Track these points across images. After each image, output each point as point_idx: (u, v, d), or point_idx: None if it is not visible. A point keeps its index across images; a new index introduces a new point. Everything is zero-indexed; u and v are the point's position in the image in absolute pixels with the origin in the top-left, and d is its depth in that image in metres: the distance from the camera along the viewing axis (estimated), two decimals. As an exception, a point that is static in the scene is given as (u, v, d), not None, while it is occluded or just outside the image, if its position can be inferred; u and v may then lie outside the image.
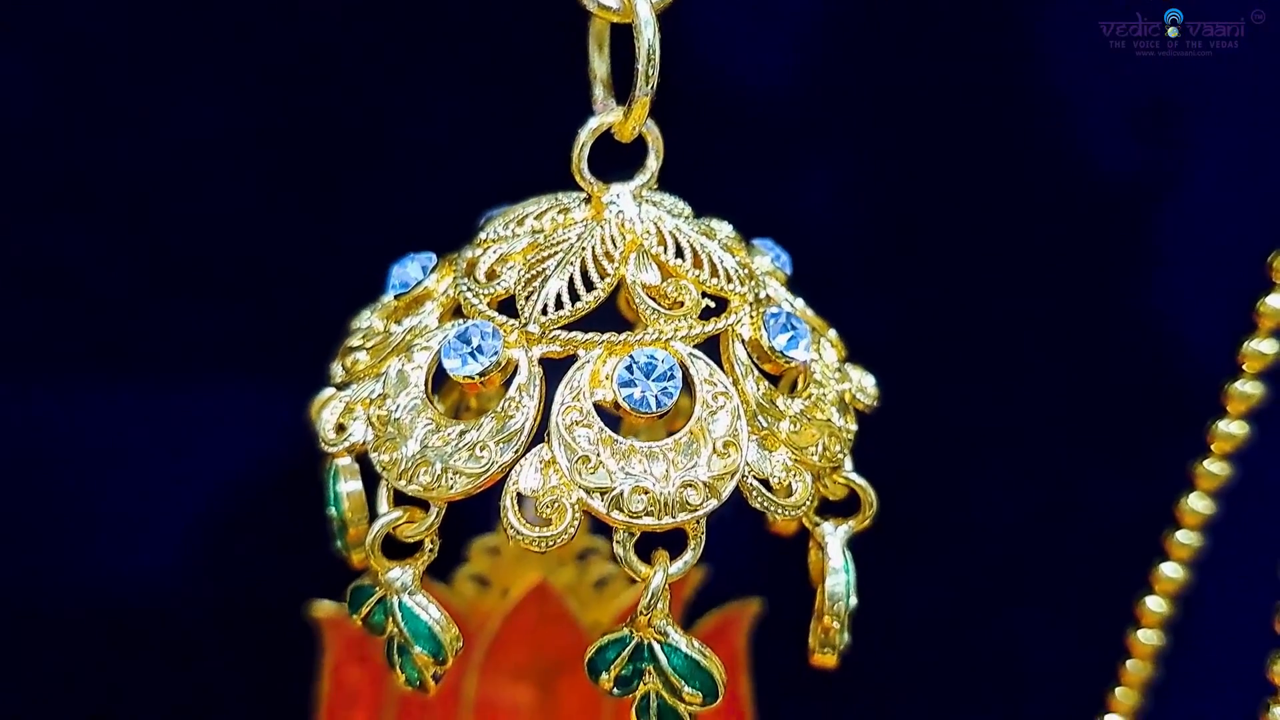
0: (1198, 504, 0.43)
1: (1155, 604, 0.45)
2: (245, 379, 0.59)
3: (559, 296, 0.31)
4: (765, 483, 0.31)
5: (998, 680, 0.63)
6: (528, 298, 0.31)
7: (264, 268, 0.57)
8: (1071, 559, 0.61)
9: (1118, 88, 0.57)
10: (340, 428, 0.32)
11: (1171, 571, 0.45)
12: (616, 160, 0.34)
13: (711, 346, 0.32)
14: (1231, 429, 0.41)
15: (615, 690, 0.31)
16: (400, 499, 0.31)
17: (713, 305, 0.32)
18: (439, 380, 0.33)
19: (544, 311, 0.30)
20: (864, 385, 0.35)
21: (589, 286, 0.31)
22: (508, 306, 0.32)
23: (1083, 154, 0.59)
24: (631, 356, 0.30)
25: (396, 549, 0.32)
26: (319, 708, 0.55)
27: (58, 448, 0.58)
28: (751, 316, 0.32)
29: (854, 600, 0.34)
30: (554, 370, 0.31)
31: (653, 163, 0.32)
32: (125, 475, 0.59)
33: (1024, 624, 0.62)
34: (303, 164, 0.57)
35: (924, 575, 0.63)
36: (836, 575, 0.33)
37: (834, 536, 0.33)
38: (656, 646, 0.30)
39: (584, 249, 0.31)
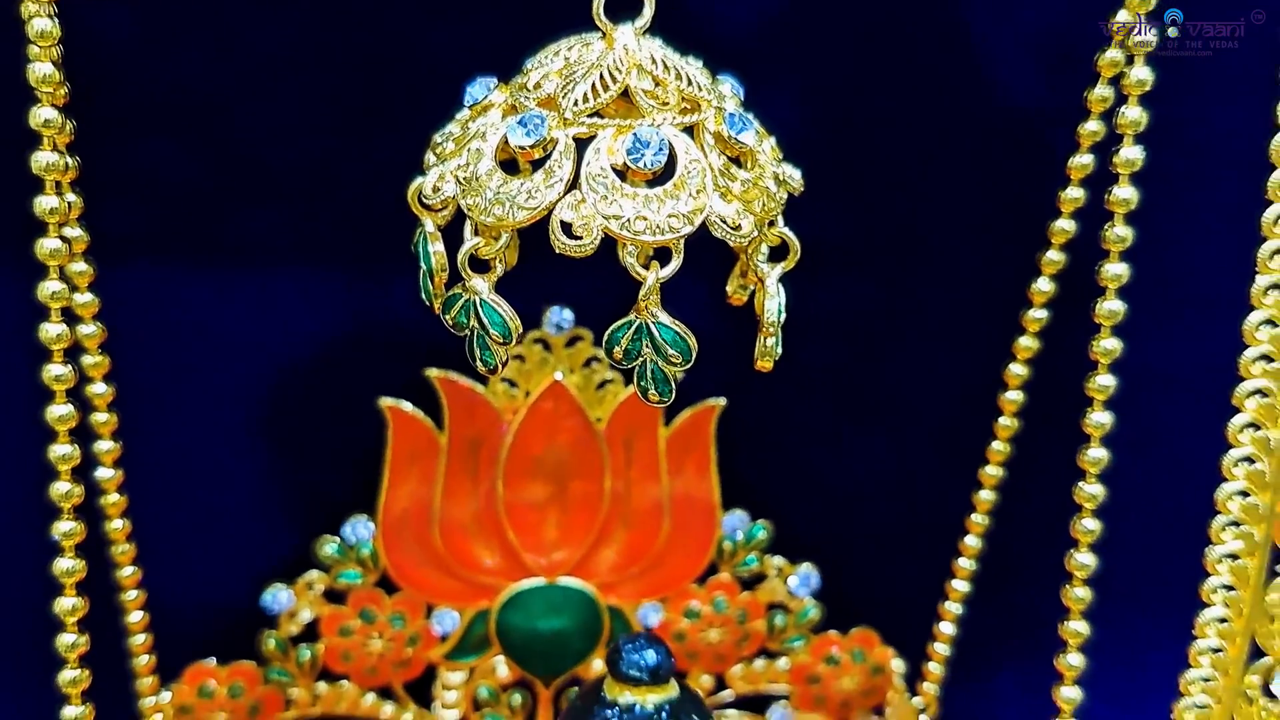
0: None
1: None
2: (303, 268, 0.65)
3: (585, 95, 0.43)
4: (724, 220, 0.44)
5: (936, 534, 0.70)
6: (563, 96, 0.44)
7: (320, 173, 0.64)
8: (1012, 442, 0.66)
9: (1027, 26, 0.63)
10: (436, 188, 0.45)
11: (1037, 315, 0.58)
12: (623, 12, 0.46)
13: (688, 133, 0.44)
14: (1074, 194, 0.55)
15: (624, 360, 0.44)
16: (478, 231, 0.45)
17: (689, 107, 0.46)
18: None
19: (575, 104, 0.44)
20: (793, 174, 0.49)
21: (605, 89, 0.43)
22: (548, 107, 0.45)
23: (995, 85, 0.64)
24: (635, 133, 0.42)
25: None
26: (379, 499, 0.67)
27: (147, 325, 0.65)
28: (715, 116, 0.46)
29: (784, 317, 0.46)
30: (581, 145, 0.43)
31: (648, 10, 0.45)
32: (204, 347, 0.66)
33: (958, 485, 0.68)
34: (352, 83, 0.62)
35: (866, 444, 0.72)
36: (772, 299, 0.46)
37: (771, 274, 0.46)
38: (652, 325, 0.43)
39: (601, 65, 0.44)
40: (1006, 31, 0.64)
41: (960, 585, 0.68)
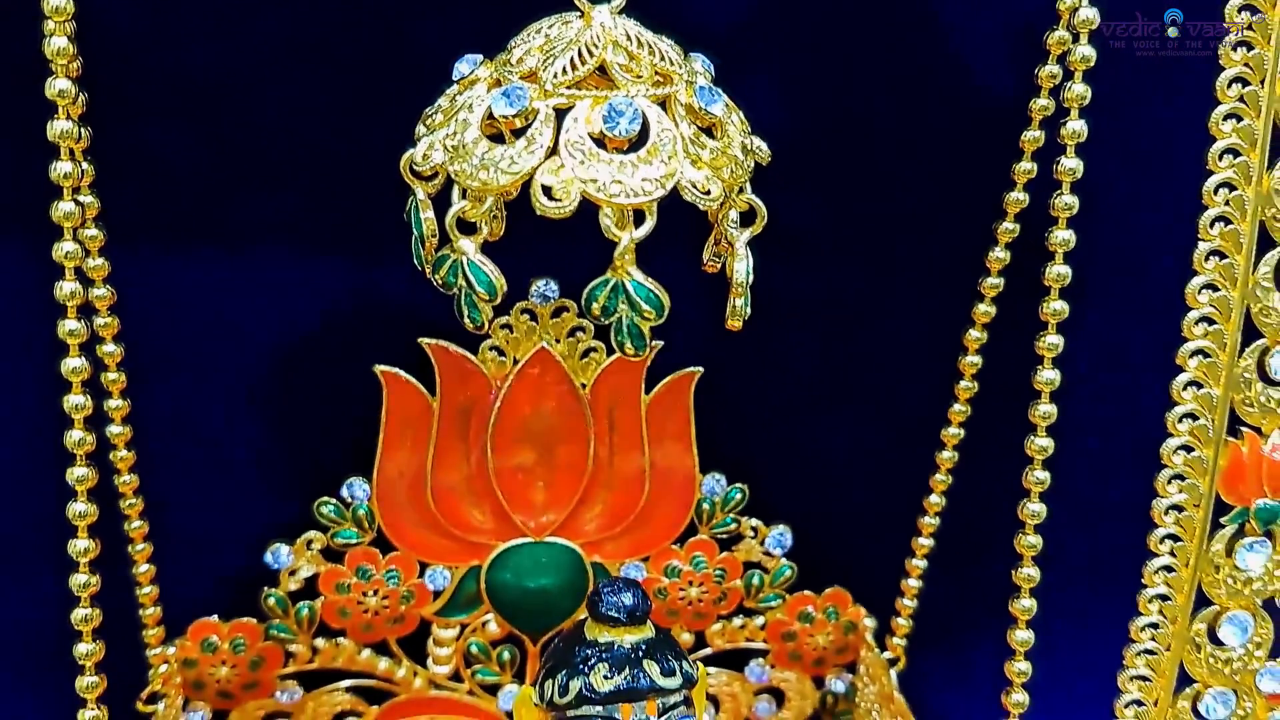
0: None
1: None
2: (303, 247, 0.66)
3: (564, 68, 0.47)
4: (694, 185, 0.47)
5: (904, 498, 0.73)
6: (544, 70, 0.47)
7: (319, 157, 0.65)
8: (971, 404, 0.69)
9: (1001, 13, 0.64)
10: (425, 156, 0.48)
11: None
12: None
13: (661, 105, 0.48)
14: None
15: (601, 316, 0.48)
16: (465, 195, 0.48)
17: (661, 80, 0.49)
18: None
19: (555, 77, 0.47)
20: (761, 145, 0.52)
21: (583, 62, 0.47)
22: (530, 80, 0.48)
23: (970, 71, 0.66)
24: (610, 104, 0.46)
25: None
26: (375, 462, 0.69)
27: (153, 302, 0.66)
28: (686, 89, 0.49)
29: (751, 278, 0.49)
30: (561, 115, 0.46)
31: (624, -8, 0.49)
32: (209, 322, 0.68)
33: (925, 450, 0.71)
34: (351, 70, 0.64)
35: (839, 413, 0.75)
36: (741, 262, 0.49)
37: (740, 239, 0.50)
38: (627, 283, 0.46)
39: (580, 40, 0.47)
40: (981, 18, 0.65)
41: (925, 542, 0.71)
